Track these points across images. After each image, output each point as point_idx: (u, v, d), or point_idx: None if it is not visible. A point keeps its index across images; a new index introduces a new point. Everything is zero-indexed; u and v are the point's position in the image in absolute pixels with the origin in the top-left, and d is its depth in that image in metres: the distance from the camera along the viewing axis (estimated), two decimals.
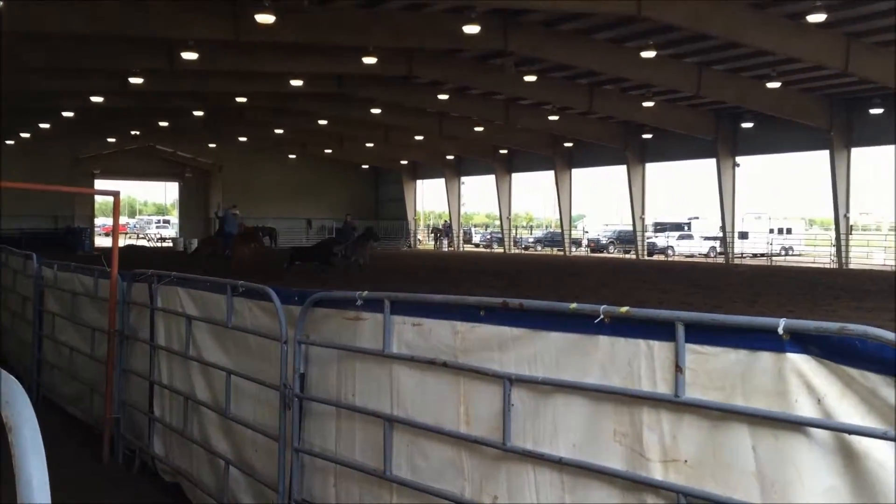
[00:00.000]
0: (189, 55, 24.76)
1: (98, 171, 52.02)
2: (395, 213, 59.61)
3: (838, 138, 32.87)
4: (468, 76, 30.95)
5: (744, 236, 43.02)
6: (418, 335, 3.82)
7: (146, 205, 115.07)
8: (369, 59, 25.77)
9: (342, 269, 27.13)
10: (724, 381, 2.66)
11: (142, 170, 57.09)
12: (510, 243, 52.73)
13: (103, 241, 49.13)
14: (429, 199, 66.63)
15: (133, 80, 28.68)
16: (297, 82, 29.98)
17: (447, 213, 58.64)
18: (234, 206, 35.86)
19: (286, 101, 36.56)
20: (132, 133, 47.53)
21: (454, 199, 56.06)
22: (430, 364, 3.69)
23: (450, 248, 55.43)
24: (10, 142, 44.90)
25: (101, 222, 62.14)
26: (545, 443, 3.19)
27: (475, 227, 75.84)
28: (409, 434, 3.83)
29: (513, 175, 51.58)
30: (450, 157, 53.08)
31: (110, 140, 50.11)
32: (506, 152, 49.26)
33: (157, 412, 6.37)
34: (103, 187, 47.58)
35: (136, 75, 28.51)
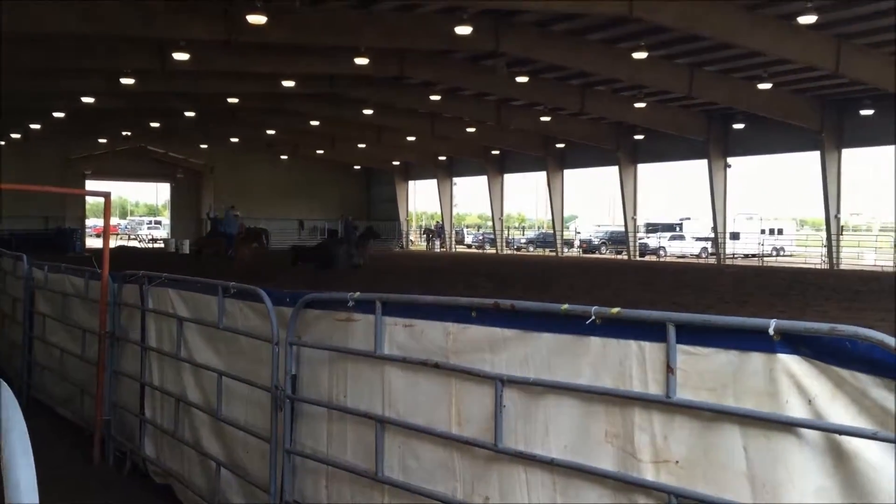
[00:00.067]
0: (181, 55, 24.69)
1: (89, 172, 51.84)
2: (387, 213, 59.56)
3: (829, 139, 32.99)
4: (460, 77, 30.94)
5: (735, 237, 43.11)
6: (410, 336, 3.82)
7: (137, 206, 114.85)
8: (361, 60, 25.74)
9: (344, 269, 27.16)
10: (716, 382, 2.66)
11: (133, 171, 56.95)
12: (502, 244, 52.76)
13: (94, 242, 48.90)
14: (421, 199, 66.73)
15: (124, 81, 28.56)
16: (288, 83, 29.93)
17: (439, 213, 58.63)
18: (233, 207, 35.88)
19: (278, 102, 36.48)
20: (123, 134, 47.34)
21: (446, 199, 56.05)
22: (422, 365, 3.69)
23: (442, 249, 55.40)
24: (0, 142, 44.70)
25: (93, 223, 61.97)
26: (537, 444, 3.19)
27: (467, 227, 75.81)
28: (400, 435, 3.83)
29: (505, 176, 51.59)
30: (442, 158, 53.05)
31: (101, 141, 49.91)
32: (498, 153, 49.26)
33: (148, 414, 6.35)
34: (94, 188, 47.31)
35: (127, 76, 28.40)
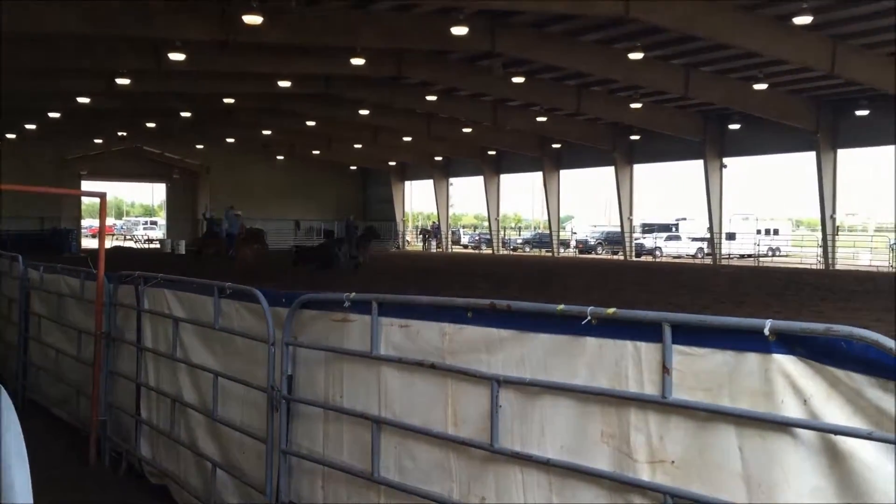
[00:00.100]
0: (176, 56, 24.64)
1: (85, 173, 51.74)
2: (384, 214, 59.52)
3: (824, 140, 33.04)
4: (456, 77, 30.95)
5: (731, 237, 43.15)
6: (406, 337, 3.81)
7: (133, 206, 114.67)
8: (357, 60, 25.73)
9: (345, 269, 27.19)
10: (711, 382, 2.66)
11: (129, 171, 56.83)
12: (499, 244, 52.76)
13: (90, 243, 48.83)
14: (417, 200, 66.68)
15: (120, 81, 28.50)
16: (285, 83, 29.91)
17: (436, 214, 58.62)
18: (233, 207, 35.87)
19: (274, 102, 36.46)
20: (119, 134, 47.24)
21: (442, 200, 56.04)
22: (418, 366, 3.69)
23: (438, 250, 55.40)
24: None
25: (88, 224, 61.80)
26: (533, 444, 3.19)
27: (464, 228, 75.84)
28: (396, 436, 3.83)
29: (501, 176, 51.60)
30: (438, 159, 53.03)
31: (97, 141, 49.82)
32: (494, 153, 49.27)
33: (143, 414, 6.34)
34: (90, 188, 47.28)
35: (123, 76, 28.35)
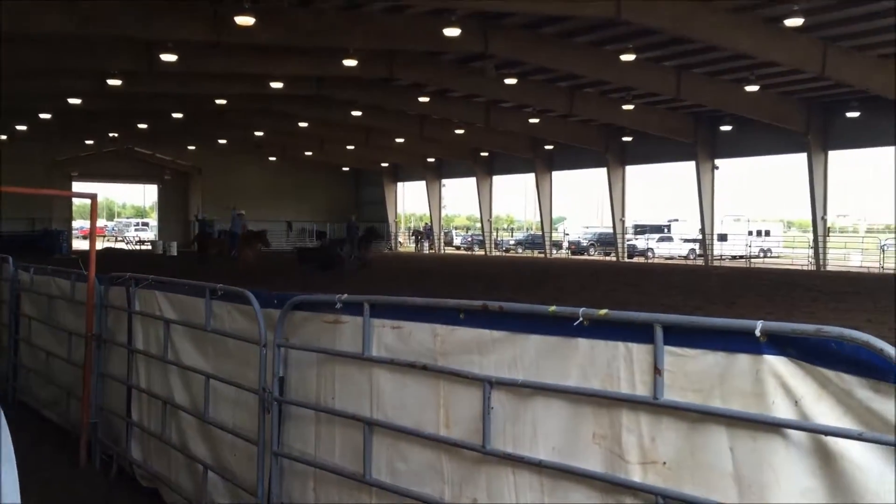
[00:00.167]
0: (168, 57, 24.57)
1: (76, 174, 51.61)
2: (376, 215, 59.45)
3: (815, 141, 33.17)
4: (449, 79, 30.95)
5: (723, 238, 43.27)
6: (398, 338, 3.81)
7: (125, 207, 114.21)
8: (350, 62, 25.71)
9: (348, 270, 27.19)
10: (703, 383, 2.67)
11: (120, 172, 56.68)
12: (491, 246, 52.78)
13: (81, 244, 48.67)
14: (409, 201, 66.72)
15: (111, 82, 28.41)
16: (277, 84, 29.86)
17: (428, 215, 58.61)
18: (236, 207, 35.86)
19: (266, 104, 36.39)
20: (110, 135, 47.09)
21: (435, 201, 56.03)
22: (410, 367, 3.68)
23: (431, 251, 55.39)
24: None
25: (79, 225, 61.63)
26: (525, 445, 3.19)
27: (456, 229, 75.83)
28: (388, 437, 3.82)
29: (493, 177, 51.61)
30: (430, 160, 53.02)
31: (88, 142, 49.68)
32: (486, 155, 49.29)
33: (134, 416, 6.31)
34: (81, 190, 47.22)
35: (114, 77, 28.26)
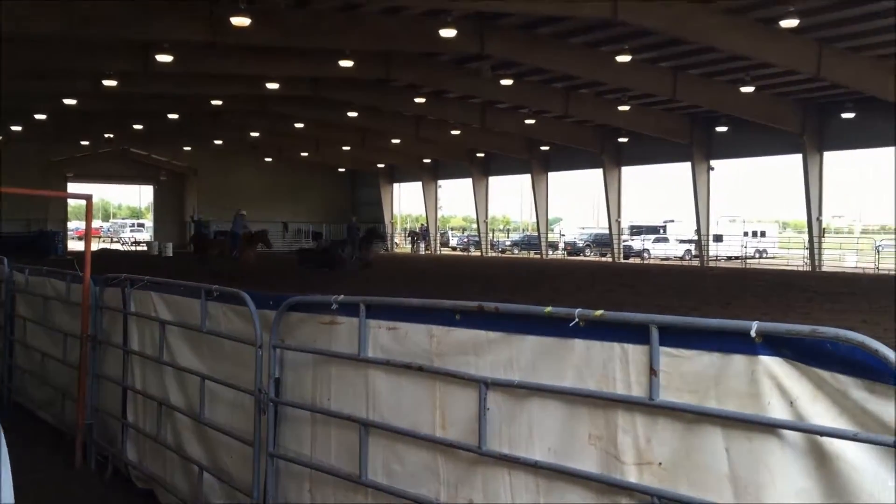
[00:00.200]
0: (164, 57, 24.54)
1: (71, 175, 51.50)
2: (372, 216, 59.43)
3: (811, 142, 33.24)
4: (445, 80, 30.97)
5: (718, 239, 43.34)
6: (394, 339, 3.80)
7: (120, 208, 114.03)
8: (346, 63, 25.72)
9: (350, 271, 27.21)
10: (698, 384, 2.67)
11: (116, 173, 56.61)
12: (487, 246, 52.80)
13: (76, 245, 48.58)
14: (405, 202, 66.71)
15: (107, 83, 28.37)
16: (273, 85, 29.85)
17: (424, 216, 58.60)
18: (239, 209, 35.82)
19: (262, 104, 36.37)
20: (106, 136, 47.04)
21: (431, 202, 56.03)
22: (406, 368, 3.68)
23: (427, 252, 55.38)
24: None
25: (75, 226, 61.54)
26: (521, 446, 3.19)
27: (452, 230, 75.87)
28: (384, 438, 3.82)
29: (489, 178, 51.64)
30: (427, 161, 53.02)
31: (84, 143, 49.61)
32: (482, 155, 49.31)
33: (130, 418, 6.30)
34: (76, 190, 47.12)
35: (110, 77, 28.22)
